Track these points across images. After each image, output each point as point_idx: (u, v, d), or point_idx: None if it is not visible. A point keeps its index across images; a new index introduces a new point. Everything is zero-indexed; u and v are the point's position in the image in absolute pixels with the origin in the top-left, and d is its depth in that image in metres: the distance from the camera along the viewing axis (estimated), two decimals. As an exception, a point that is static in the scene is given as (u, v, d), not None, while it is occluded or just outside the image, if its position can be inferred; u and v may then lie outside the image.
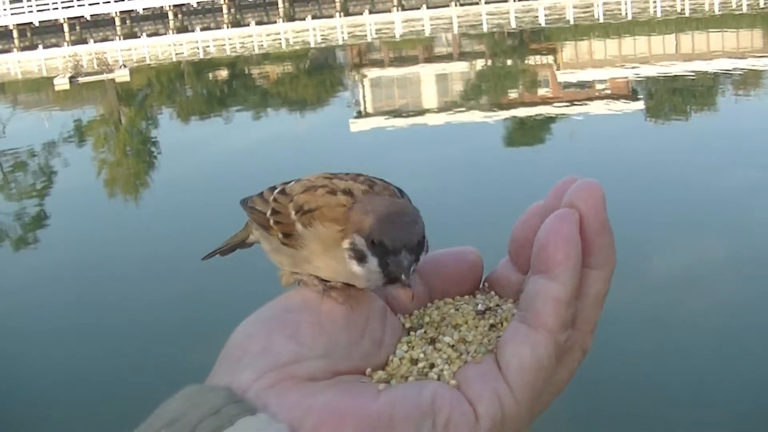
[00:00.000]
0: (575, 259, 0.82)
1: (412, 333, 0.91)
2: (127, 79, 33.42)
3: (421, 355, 0.87)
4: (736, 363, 6.98)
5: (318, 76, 31.93)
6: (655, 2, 41.90)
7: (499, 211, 10.22)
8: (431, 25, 45.20)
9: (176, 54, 43.83)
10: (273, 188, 1.02)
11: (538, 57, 30.12)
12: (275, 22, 56.07)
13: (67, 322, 9.45)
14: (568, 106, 19.76)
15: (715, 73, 22.43)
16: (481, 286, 0.96)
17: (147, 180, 17.78)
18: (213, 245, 1.12)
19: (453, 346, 0.87)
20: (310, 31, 47.63)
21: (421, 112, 21.58)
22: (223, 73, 35.62)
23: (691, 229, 10.14)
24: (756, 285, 8.48)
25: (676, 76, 22.74)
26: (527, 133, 18.01)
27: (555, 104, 20.25)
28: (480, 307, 0.91)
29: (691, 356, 7.20)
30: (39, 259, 12.26)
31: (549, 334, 0.81)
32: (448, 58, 32.90)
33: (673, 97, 20.47)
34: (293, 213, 0.96)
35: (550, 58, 29.10)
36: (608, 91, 22.53)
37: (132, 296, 9.84)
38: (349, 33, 45.39)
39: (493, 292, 0.94)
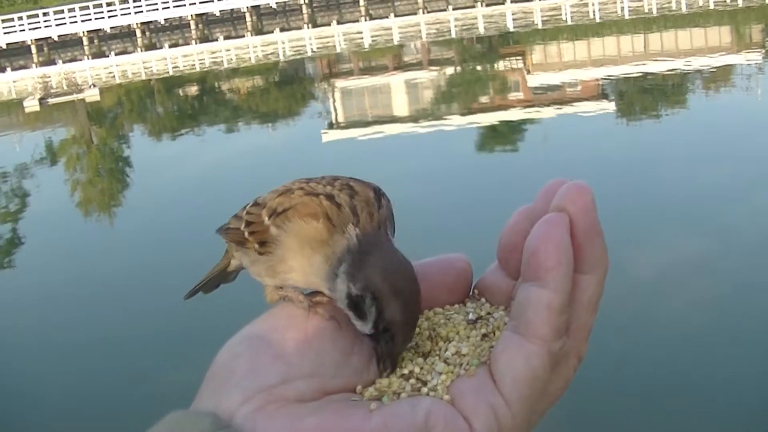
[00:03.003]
0: (567, 264, 0.79)
1: (401, 347, 0.89)
2: (97, 98, 33.28)
3: (414, 370, 0.85)
4: (722, 362, 7.01)
5: (288, 88, 31.92)
6: (622, 3, 42.15)
7: (476, 217, 10.25)
8: (400, 33, 45.29)
9: (145, 71, 43.70)
10: (246, 206, 1.01)
11: (507, 61, 30.25)
12: (243, 36, 56.02)
13: (44, 343, 9.40)
14: (539, 109, 19.85)
15: (684, 71, 22.60)
16: (471, 293, 0.94)
17: (121, 199, 17.71)
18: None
19: (446, 360, 0.85)
20: (278, 44, 47.62)
21: (393, 120, 21.63)
22: (194, 89, 35.56)
23: (666, 226, 10.20)
24: (733, 281, 8.53)
25: (645, 75, 22.89)
26: (500, 137, 18.07)
27: (526, 108, 20.33)
28: (471, 316, 0.89)
29: (674, 355, 7.23)
30: (14, 282, 12.17)
31: (543, 344, 0.79)
32: (417, 65, 32.97)
33: (643, 96, 20.60)
34: (266, 218, 0.94)
35: (520, 62, 29.22)
36: (579, 93, 22.64)
37: (109, 316, 9.78)
38: (317, 44, 45.42)
39: (483, 300, 0.92)
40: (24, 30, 61.93)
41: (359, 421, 0.77)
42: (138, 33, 62.53)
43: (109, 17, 62.39)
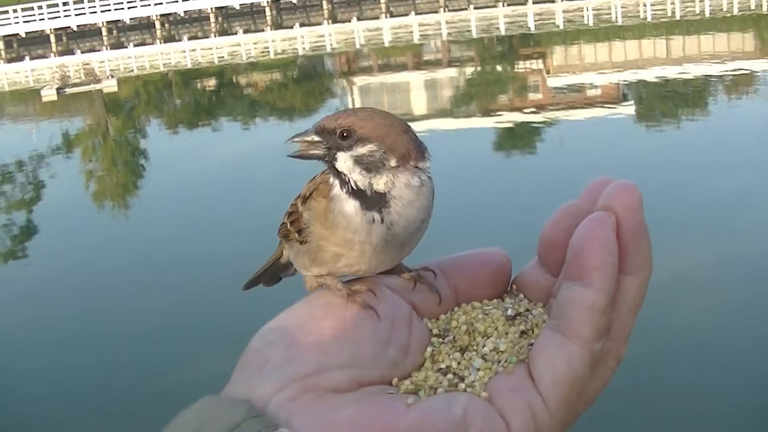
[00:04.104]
0: (611, 265, 0.79)
1: (439, 339, 0.88)
2: (115, 89, 33.37)
3: (451, 365, 0.84)
4: (731, 366, 6.98)
5: (307, 84, 31.95)
6: (645, 6, 42.00)
7: (494, 219, 10.24)
8: (420, 31, 45.26)
9: (164, 64, 43.80)
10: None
11: (528, 62, 30.20)
12: (263, 30, 56.07)
13: (59, 334, 9.42)
14: (558, 111, 19.80)
15: (706, 76, 22.50)
16: (509, 288, 0.93)
17: (136, 191, 17.75)
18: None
19: (484, 356, 0.84)
20: (298, 39, 47.66)
21: (412, 119, 21.61)
22: (212, 83, 35.62)
23: (685, 233, 10.15)
24: (752, 287, 8.49)
25: (666, 79, 22.81)
26: (518, 139, 18.04)
27: (546, 109, 20.29)
28: (510, 312, 0.89)
29: (686, 360, 7.20)
30: (28, 272, 12.21)
31: (584, 344, 0.79)
32: (437, 64, 32.94)
33: (664, 101, 20.53)
34: (300, 205, 0.97)
35: (541, 63, 29.16)
36: (599, 96, 22.59)
37: (126, 307, 9.80)
38: (337, 40, 45.43)
39: (522, 296, 0.91)
40: (43, 19, 62.16)
41: (396, 416, 0.77)
42: (157, 25, 62.69)
43: (129, 8, 62.54)
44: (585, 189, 0.86)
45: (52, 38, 62.01)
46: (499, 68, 30.61)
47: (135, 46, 54.98)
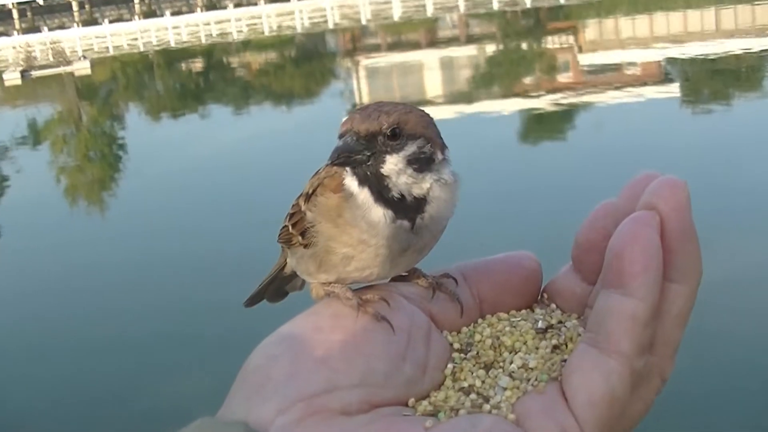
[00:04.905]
0: (655, 270, 0.79)
1: (461, 355, 0.89)
2: (88, 72, 33.40)
3: (474, 383, 0.84)
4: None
5: (306, 65, 31.91)
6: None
7: (519, 217, 10.22)
8: (434, 4, 45.19)
9: (144, 43, 43.81)
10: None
11: (557, 38, 30.11)
12: (256, 3, 56.04)
13: (21, 342, 9.43)
14: (592, 93, 19.75)
15: (762, 51, 22.39)
16: (539, 297, 0.93)
17: (114, 187, 17.75)
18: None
19: (511, 373, 0.84)
20: (296, 14, 47.64)
21: (425, 103, 21.57)
22: (198, 64, 35.62)
23: (736, 228, 10.11)
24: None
25: (716, 56, 22.71)
26: (547, 125, 17.98)
27: (577, 92, 20.23)
28: (540, 324, 0.89)
29: (740, 377, 7.18)
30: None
31: (624, 360, 0.78)
32: (454, 42, 32.89)
33: (713, 80, 20.43)
34: (303, 204, 0.97)
35: (571, 39, 29.08)
36: (638, 75, 22.51)
37: (104, 313, 9.80)
38: (340, 15, 45.38)
39: (554, 306, 0.92)
40: (5, -8, 62.21)
41: (412, 440, 0.77)
42: (136, -1, 62.73)
43: (103, -22, 62.56)
44: (626, 186, 0.86)
45: (15, 13, 62.04)
46: (524, 45, 30.53)
47: (110, 22, 55.05)
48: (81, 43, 43.95)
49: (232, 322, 7.18)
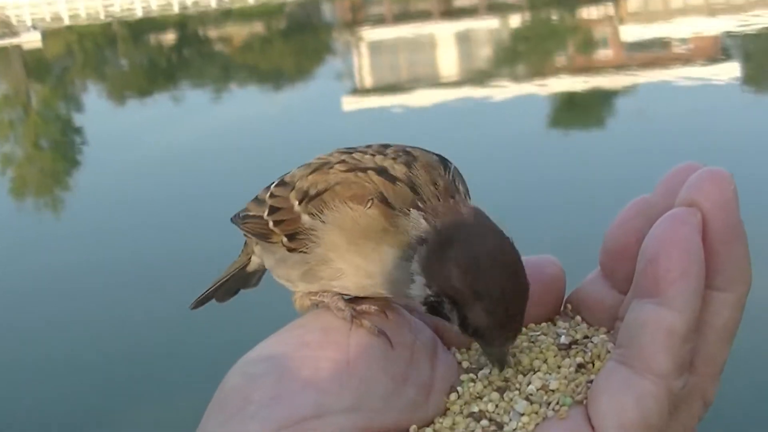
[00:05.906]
0: (696, 277, 0.78)
1: (471, 375, 0.89)
2: (39, 45, 33.34)
3: (486, 408, 0.85)
4: None
5: (298, 39, 31.85)
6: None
7: (546, 213, 10.20)
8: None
9: (106, 11, 43.74)
10: (269, 186, 1.00)
11: (594, 8, 30.05)
12: (238, -35, 55.94)
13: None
14: (635, 72, 19.72)
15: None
16: (562, 308, 0.93)
17: (69, 181, 17.73)
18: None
19: (529, 396, 0.85)
20: (285, -21, 47.52)
21: (437, 84, 21.55)
22: (170, 37, 35.57)
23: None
24: None
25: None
26: (581, 109, 17.97)
27: (617, 71, 20.21)
28: (563, 339, 0.89)
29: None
30: None
31: (659, 380, 0.78)
32: (471, 12, 32.83)
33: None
34: (296, 203, 0.95)
35: (611, 9, 29.03)
36: (690, 52, 22.49)
37: (50, 325, 9.80)
38: (337, -20, 45.28)
39: (579, 318, 0.92)
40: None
41: (415, 474, 0.78)
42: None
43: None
44: (663, 178, 0.85)
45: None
46: (554, 16, 30.48)
47: (66, -13, 54.93)
48: (30, 12, 43.89)
49: (208, 332, 7.20)
